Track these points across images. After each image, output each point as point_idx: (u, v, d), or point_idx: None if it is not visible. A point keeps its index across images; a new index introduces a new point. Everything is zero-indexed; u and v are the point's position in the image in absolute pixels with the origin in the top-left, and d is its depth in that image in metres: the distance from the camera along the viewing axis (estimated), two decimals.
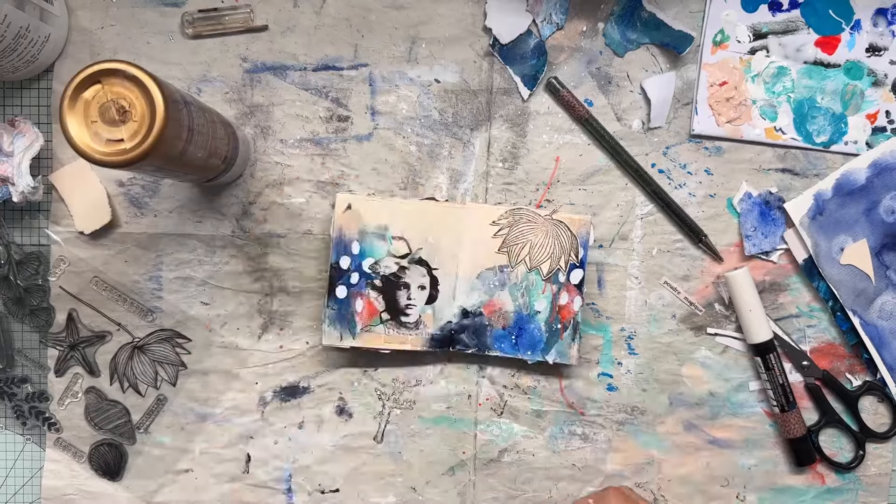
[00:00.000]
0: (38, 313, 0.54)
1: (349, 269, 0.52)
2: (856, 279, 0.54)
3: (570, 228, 0.52)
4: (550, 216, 0.52)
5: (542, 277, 0.52)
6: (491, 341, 0.53)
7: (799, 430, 0.53)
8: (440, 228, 0.52)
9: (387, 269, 0.52)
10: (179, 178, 0.47)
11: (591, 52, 0.53)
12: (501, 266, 0.52)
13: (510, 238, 0.52)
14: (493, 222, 0.52)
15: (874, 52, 0.54)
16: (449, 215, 0.52)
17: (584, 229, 0.52)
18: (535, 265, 0.52)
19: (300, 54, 0.53)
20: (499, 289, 0.52)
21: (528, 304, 0.52)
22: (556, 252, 0.52)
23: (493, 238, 0.52)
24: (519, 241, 0.52)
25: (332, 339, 0.52)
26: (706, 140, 0.54)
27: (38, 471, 0.55)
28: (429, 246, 0.52)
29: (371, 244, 0.52)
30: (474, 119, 0.54)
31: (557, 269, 0.52)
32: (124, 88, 0.38)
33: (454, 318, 0.53)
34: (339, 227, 0.52)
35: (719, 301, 0.55)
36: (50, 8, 0.50)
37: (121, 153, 0.38)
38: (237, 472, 0.55)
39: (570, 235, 0.52)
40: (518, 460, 0.55)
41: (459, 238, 0.52)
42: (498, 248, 0.52)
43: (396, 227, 0.52)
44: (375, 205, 0.52)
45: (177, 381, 0.54)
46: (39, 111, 0.53)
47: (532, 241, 0.52)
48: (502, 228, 0.52)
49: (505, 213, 0.52)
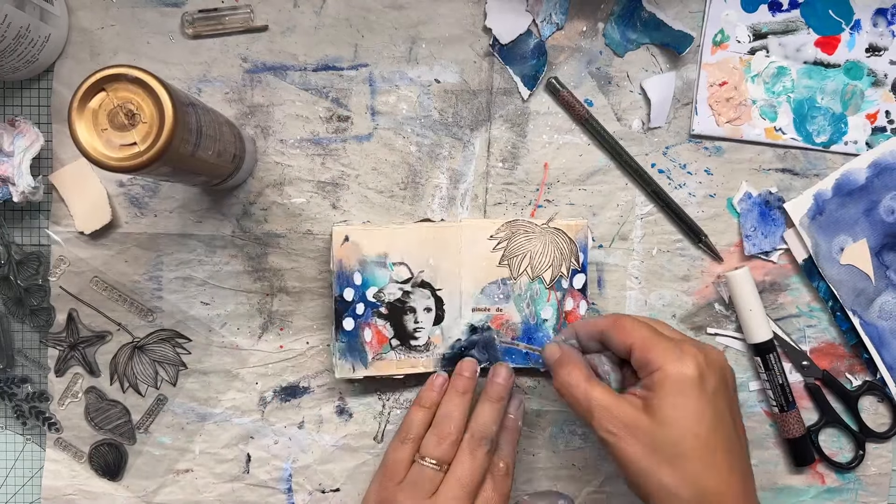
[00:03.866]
0: (38, 313, 0.54)
1: (354, 300, 0.52)
2: (856, 279, 0.54)
3: (568, 234, 0.52)
4: (547, 224, 0.52)
5: (545, 286, 0.52)
6: (501, 354, 0.53)
7: (798, 430, 0.53)
8: (439, 249, 0.52)
9: (391, 295, 0.52)
10: (192, 182, 0.47)
11: (591, 52, 0.53)
12: (504, 279, 0.52)
13: (510, 250, 0.52)
14: (490, 236, 0.52)
15: (874, 52, 0.54)
16: (446, 235, 0.52)
17: (581, 234, 0.52)
18: (537, 274, 0.52)
19: (300, 54, 0.53)
20: (504, 301, 0.52)
21: (535, 313, 0.52)
22: (556, 259, 0.52)
23: (493, 252, 0.52)
24: (518, 252, 0.52)
25: (344, 371, 0.52)
26: (706, 140, 0.54)
27: (38, 471, 0.55)
28: (430, 268, 0.52)
29: (373, 273, 0.52)
30: (474, 119, 0.54)
31: (560, 276, 0.52)
32: (129, 92, 0.38)
33: (463, 336, 0.53)
34: (339, 260, 0.51)
35: (719, 301, 0.55)
36: (50, 8, 0.50)
37: (136, 157, 0.38)
38: (237, 472, 0.55)
39: (568, 241, 0.52)
40: (518, 460, 0.55)
41: (459, 256, 0.52)
42: (499, 261, 0.52)
43: (396, 254, 0.52)
44: (373, 233, 0.52)
45: (177, 381, 0.54)
46: (39, 111, 0.53)
47: (531, 251, 0.52)
48: (501, 242, 0.52)
49: (502, 226, 0.52)
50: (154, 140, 0.37)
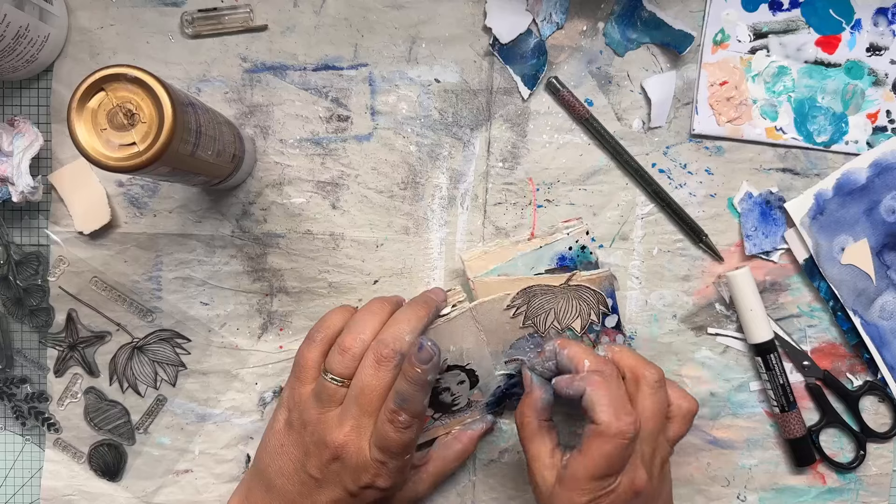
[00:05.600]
0: (37, 313, 0.54)
1: None
2: (856, 279, 0.54)
3: (592, 287, 0.51)
4: (567, 284, 0.51)
5: (576, 333, 0.51)
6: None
7: (799, 430, 0.53)
8: (457, 334, 0.50)
9: None
10: (191, 182, 0.47)
11: (592, 51, 0.53)
12: (532, 333, 0.51)
13: (530, 312, 0.51)
14: (506, 307, 0.50)
15: (875, 51, 0.54)
16: (460, 321, 0.50)
17: (606, 282, 0.51)
18: (565, 326, 0.51)
19: (300, 54, 0.53)
20: (536, 350, 0.51)
21: None
22: (584, 310, 0.51)
23: (514, 318, 0.51)
24: (541, 311, 0.51)
25: None
26: (706, 140, 0.54)
27: (37, 471, 0.55)
28: (452, 353, 0.50)
29: None
30: (474, 119, 0.54)
31: (591, 323, 0.51)
32: (128, 92, 0.38)
33: (501, 383, 0.52)
34: None
35: (720, 301, 0.55)
36: (49, 8, 0.50)
37: (135, 157, 0.38)
38: (237, 472, 0.55)
39: (593, 293, 0.51)
40: (518, 461, 0.55)
41: (479, 334, 0.51)
42: (522, 323, 0.51)
43: None
44: None
45: (176, 382, 0.54)
46: (39, 111, 0.53)
47: (555, 308, 0.51)
48: (519, 308, 0.50)
49: (516, 294, 0.50)
50: (153, 140, 0.37)
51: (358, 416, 0.44)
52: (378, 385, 0.44)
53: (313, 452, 0.45)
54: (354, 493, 0.44)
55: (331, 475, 0.44)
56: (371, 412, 0.44)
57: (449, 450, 0.52)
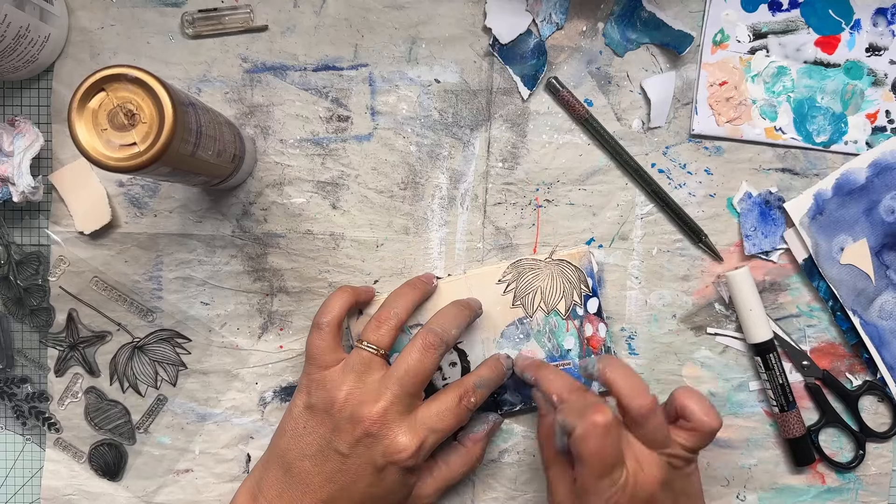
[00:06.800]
0: (38, 313, 0.54)
1: None
2: (856, 279, 0.54)
3: (572, 263, 0.53)
4: (550, 258, 0.53)
5: (561, 317, 0.53)
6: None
7: (799, 429, 0.53)
8: None
9: None
10: (192, 182, 0.47)
11: (591, 51, 0.53)
12: (521, 318, 0.53)
13: (519, 290, 0.53)
14: (498, 280, 0.53)
15: (874, 51, 0.54)
16: (455, 289, 0.52)
17: (585, 260, 0.53)
18: (551, 308, 0.53)
19: (300, 54, 0.53)
20: (525, 340, 0.53)
21: (558, 345, 0.53)
22: (566, 290, 0.53)
23: (504, 295, 0.53)
24: (529, 290, 0.53)
25: None
26: (706, 140, 0.54)
27: (37, 471, 0.55)
28: None
29: None
30: (474, 119, 0.54)
31: (574, 305, 0.53)
32: (129, 92, 0.38)
33: None
34: (358, 334, 0.52)
35: (719, 301, 0.55)
36: (50, 8, 0.50)
37: (135, 157, 0.38)
38: (237, 471, 0.55)
39: (574, 269, 0.53)
40: (518, 461, 0.55)
41: None
42: (512, 302, 0.53)
43: (411, 318, 0.51)
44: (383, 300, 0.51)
45: (177, 381, 0.54)
46: (39, 111, 0.53)
47: (541, 286, 0.53)
48: (510, 284, 0.53)
49: (507, 268, 0.53)
50: (154, 140, 0.37)
51: (398, 394, 0.46)
52: (422, 368, 0.46)
53: (345, 428, 0.46)
54: (381, 467, 0.46)
55: (360, 450, 0.46)
56: (412, 393, 0.46)
57: (453, 454, 0.52)
